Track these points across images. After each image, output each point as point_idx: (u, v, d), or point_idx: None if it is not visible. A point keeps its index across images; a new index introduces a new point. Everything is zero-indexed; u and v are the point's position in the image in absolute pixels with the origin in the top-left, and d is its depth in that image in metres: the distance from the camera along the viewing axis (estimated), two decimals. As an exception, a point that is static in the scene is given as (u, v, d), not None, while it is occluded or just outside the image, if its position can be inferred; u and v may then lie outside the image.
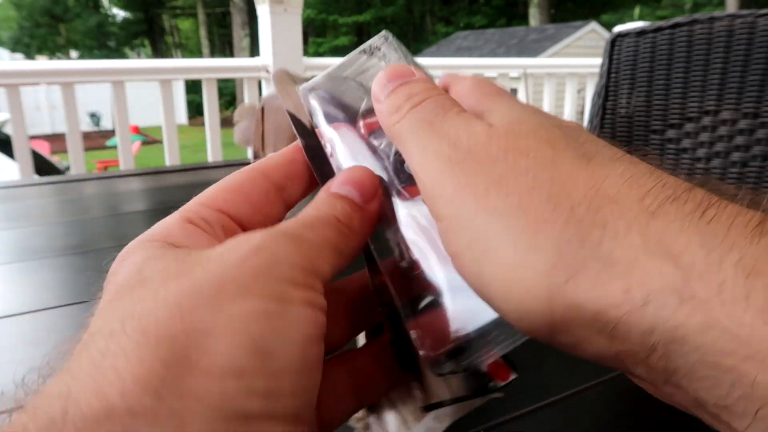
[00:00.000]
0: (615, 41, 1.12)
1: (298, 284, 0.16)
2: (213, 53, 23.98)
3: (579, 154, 0.16)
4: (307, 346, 0.16)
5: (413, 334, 0.19)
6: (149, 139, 10.36)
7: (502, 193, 0.16)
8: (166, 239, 0.18)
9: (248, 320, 0.15)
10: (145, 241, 0.18)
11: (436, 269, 0.19)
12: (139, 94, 8.41)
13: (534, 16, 18.40)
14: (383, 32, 0.23)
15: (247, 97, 1.98)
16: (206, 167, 1.09)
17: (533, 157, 0.16)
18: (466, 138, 0.17)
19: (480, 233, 0.16)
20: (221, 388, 0.14)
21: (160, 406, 0.13)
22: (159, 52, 24.97)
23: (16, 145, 1.72)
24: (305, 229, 0.18)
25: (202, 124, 2.01)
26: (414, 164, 0.18)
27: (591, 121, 1.18)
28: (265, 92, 2.01)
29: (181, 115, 15.15)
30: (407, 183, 0.21)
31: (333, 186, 0.20)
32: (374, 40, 0.22)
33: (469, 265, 0.16)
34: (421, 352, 0.19)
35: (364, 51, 0.22)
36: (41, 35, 22.93)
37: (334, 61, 0.26)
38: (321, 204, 0.20)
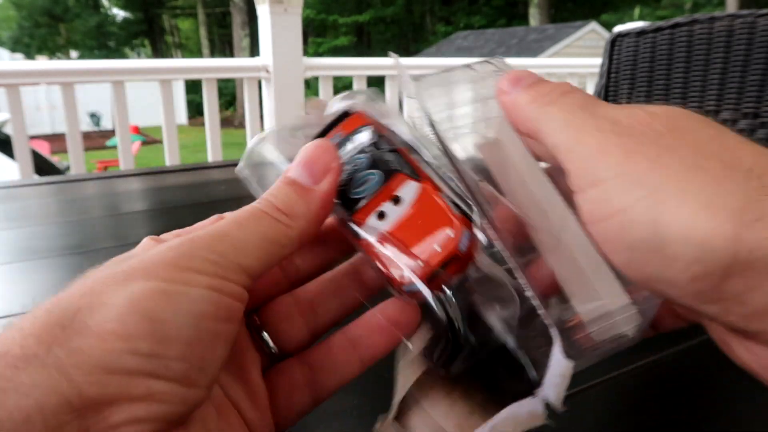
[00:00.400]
0: (615, 41, 1.12)
1: (206, 273, 0.18)
2: (213, 53, 23.98)
3: (734, 134, 0.18)
4: (202, 321, 0.18)
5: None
6: (149, 139, 10.36)
7: (676, 157, 0.17)
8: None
9: (145, 296, 0.17)
10: None
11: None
12: (139, 94, 8.40)
13: (534, 16, 18.40)
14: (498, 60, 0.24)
15: (247, 97, 1.98)
16: (206, 167, 1.09)
17: (697, 133, 0.18)
18: (626, 118, 0.19)
19: (657, 186, 0.17)
20: (106, 347, 0.16)
21: (49, 356, 0.16)
22: (159, 52, 24.96)
23: (16, 145, 1.72)
24: (232, 226, 0.20)
25: (202, 124, 2.01)
26: (567, 139, 0.19)
27: (591, 121, 1.18)
28: (264, 92, 2.01)
29: (181, 115, 15.14)
30: None
31: (289, 168, 0.22)
32: (483, 65, 0.24)
33: (641, 215, 0.17)
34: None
35: (470, 67, 0.24)
36: (41, 35, 22.92)
37: (334, 61, 0.27)
38: (265, 196, 0.21)
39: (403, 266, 0.21)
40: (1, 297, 0.50)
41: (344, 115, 0.25)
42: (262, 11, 1.90)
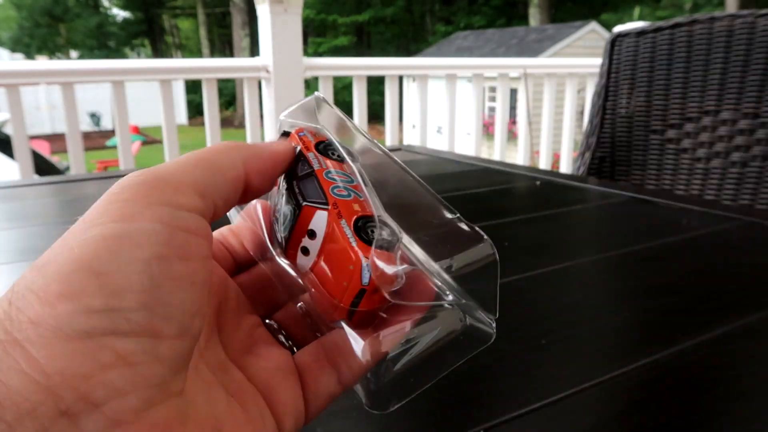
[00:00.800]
0: (615, 41, 1.12)
1: (154, 201, 0.17)
2: (213, 53, 23.99)
3: None
4: (153, 264, 0.16)
5: None
6: (149, 139, 10.37)
7: None
8: None
9: (84, 246, 0.16)
10: None
11: None
12: (139, 94, 8.41)
13: (534, 16, 18.40)
14: None
15: (247, 97, 1.98)
16: (206, 167, 1.09)
17: None
18: None
19: None
20: (55, 311, 0.15)
21: (6, 338, 0.14)
22: (159, 52, 24.97)
23: (16, 145, 1.72)
24: (165, 164, 0.20)
25: (202, 124, 2.01)
26: None
27: (591, 121, 1.18)
28: (264, 92, 2.00)
29: (181, 115, 15.16)
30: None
31: None
32: None
33: None
34: None
35: None
36: (41, 35, 22.92)
37: (334, 61, 0.27)
38: None
39: (325, 305, 0.21)
40: (1, 297, 0.50)
41: (285, 136, 0.24)
42: (262, 11, 1.90)
